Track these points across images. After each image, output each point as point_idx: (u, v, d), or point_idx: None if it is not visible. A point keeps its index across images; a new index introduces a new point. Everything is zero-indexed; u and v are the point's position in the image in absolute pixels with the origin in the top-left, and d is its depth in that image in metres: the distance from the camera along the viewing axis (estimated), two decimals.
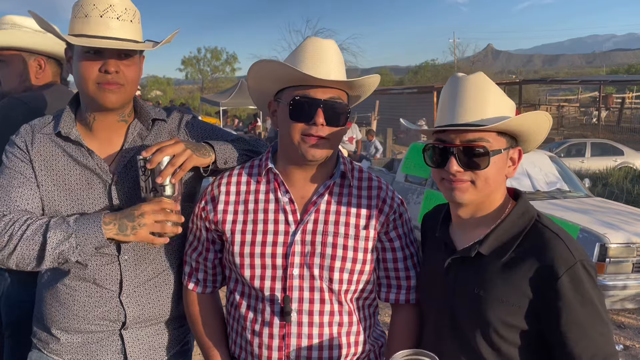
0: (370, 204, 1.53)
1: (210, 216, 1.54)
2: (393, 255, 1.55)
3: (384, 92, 28.27)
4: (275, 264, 1.47)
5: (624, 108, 26.48)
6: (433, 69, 50.38)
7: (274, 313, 1.47)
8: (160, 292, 1.65)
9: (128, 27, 1.49)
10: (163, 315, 1.66)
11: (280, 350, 1.46)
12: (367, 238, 1.50)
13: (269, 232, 1.49)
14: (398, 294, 1.57)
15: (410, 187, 7.26)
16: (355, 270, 1.48)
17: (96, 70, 1.46)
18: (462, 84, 1.34)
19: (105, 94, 1.48)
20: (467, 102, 1.31)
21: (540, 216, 1.37)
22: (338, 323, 1.49)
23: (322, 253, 1.46)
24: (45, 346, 1.63)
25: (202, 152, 1.53)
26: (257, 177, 1.55)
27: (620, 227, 5.06)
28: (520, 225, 1.34)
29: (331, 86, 1.43)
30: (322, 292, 1.47)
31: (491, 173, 1.32)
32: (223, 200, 1.54)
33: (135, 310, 1.60)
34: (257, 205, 1.52)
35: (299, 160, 1.47)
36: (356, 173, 1.57)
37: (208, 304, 1.65)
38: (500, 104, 1.34)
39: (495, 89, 1.34)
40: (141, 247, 1.60)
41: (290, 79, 1.43)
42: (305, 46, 1.46)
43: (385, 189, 1.57)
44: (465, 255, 1.36)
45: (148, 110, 1.65)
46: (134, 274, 1.59)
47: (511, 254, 1.30)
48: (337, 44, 1.49)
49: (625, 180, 10.95)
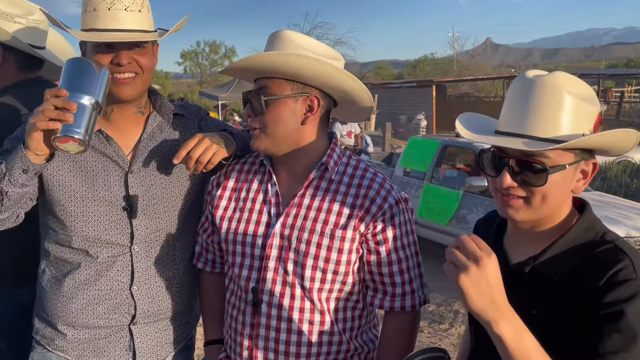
0: (355, 202, 1.45)
1: (212, 202, 1.60)
2: (377, 259, 1.47)
3: (383, 86, 28.21)
4: (253, 253, 1.50)
5: (623, 102, 26.44)
6: (432, 63, 50.28)
7: (248, 302, 1.49)
8: (171, 285, 1.65)
9: (137, 17, 1.49)
10: (172, 309, 1.66)
11: (250, 339, 1.49)
12: (343, 238, 1.43)
13: (252, 222, 1.52)
14: (383, 300, 1.50)
15: (409, 181, 7.26)
16: (328, 269, 1.44)
17: (107, 62, 1.46)
18: (536, 87, 1.15)
19: (119, 87, 1.49)
20: (534, 111, 1.15)
21: (607, 232, 1.20)
22: (309, 321, 1.46)
23: (296, 248, 1.45)
24: (49, 343, 1.61)
25: (227, 142, 1.56)
26: (255, 166, 1.58)
27: (620, 222, 5.07)
28: (583, 240, 1.18)
29: (262, 76, 1.47)
30: (294, 287, 1.45)
31: (550, 191, 1.15)
32: (222, 187, 1.60)
33: (145, 303, 1.60)
34: (248, 194, 1.56)
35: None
36: (350, 169, 1.51)
37: (214, 282, 1.70)
38: (577, 114, 1.14)
39: (574, 93, 1.15)
40: (153, 238, 1.61)
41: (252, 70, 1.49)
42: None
43: (378, 187, 1.47)
44: (519, 271, 1.21)
45: (169, 104, 1.67)
46: (146, 265, 1.60)
47: (569, 272, 1.15)
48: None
49: (624, 174, 10.93)
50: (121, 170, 1.57)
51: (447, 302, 5.26)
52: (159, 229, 1.61)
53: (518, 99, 1.19)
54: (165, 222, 1.62)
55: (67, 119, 1.29)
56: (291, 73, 1.41)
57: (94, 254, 1.55)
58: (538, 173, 1.14)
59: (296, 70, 1.40)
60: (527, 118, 1.15)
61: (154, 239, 1.61)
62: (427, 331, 4.75)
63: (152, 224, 1.59)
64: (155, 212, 1.60)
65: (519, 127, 1.16)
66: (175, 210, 1.64)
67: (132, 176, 1.57)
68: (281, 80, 1.44)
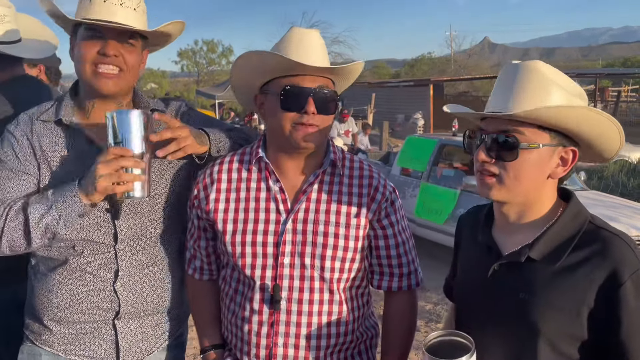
0: (362, 192, 1.52)
1: (202, 205, 1.55)
2: (385, 243, 1.54)
3: (381, 85, 28.20)
4: (266, 252, 1.48)
5: (619, 101, 26.50)
6: (429, 62, 50.29)
7: (264, 301, 1.48)
8: (156, 282, 1.64)
9: (131, 14, 1.49)
10: (157, 306, 1.66)
11: (269, 337, 1.48)
12: (358, 226, 1.50)
13: (260, 221, 1.49)
14: (391, 281, 1.57)
15: (406, 180, 7.26)
16: (346, 258, 1.49)
17: (94, 52, 1.46)
18: (519, 70, 1.21)
19: (101, 80, 1.48)
20: (510, 90, 1.20)
21: (593, 217, 1.25)
22: (327, 312, 1.49)
23: (313, 242, 1.47)
24: (37, 338, 1.62)
25: (200, 139, 1.54)
26: (248, 164, 1.55)
27: (617, 220, 5.07)
28: (574, 227, 1.22)
29: (319, 74, 1.44)
30: (313, 281, 1.47)
31: (523, 169, 1.19)
32: (214, 189, 1.54)
33: (129, 299, 1.59)
34: (248, 193, 1.52)
35: (290, 149, 1.47)
36: (347, 162, 1.56)
37: (205, 289, 1.67)
38: (558, 96, 1.17)
39: (551, 78, 1.19)
40: (138, 237, 1.59)
41: (279, 68, 1.42)
42: (290, 36, 1.46)
43: (377, 177, 1.56)
44: (513, 260, 1.24)
45: (147, 100, 1.66)
46: (130, 262, 1.59)
47: (566, 258, 1.19)
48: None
49: (620, 173, 10.96)
50: None
51: (443, 302, 5.27)
52: (143, 228, 1.60)
53: (503, 81, 1.24)
54: (149, 221, 1.61)
55: (141, 179, 1.41)
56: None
57: (79, 250, 1.55)
58: (510, 148, 1.19)
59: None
60: (508, 97, 1.20)
61: (139, 237, 1.59)
62: (424, 330, 4.75)
63: (136, 223, 1.58)
64: (138, 212, 1.58)
65: (501, 106, 1.21)
66: (159, 209, 1.62)
67: None
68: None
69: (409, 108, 23.12)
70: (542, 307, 1.19)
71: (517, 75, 1.20)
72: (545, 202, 1.26)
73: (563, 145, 1.22)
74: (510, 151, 1.19)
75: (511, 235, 1.29)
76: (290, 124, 1.42)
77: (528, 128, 1.18)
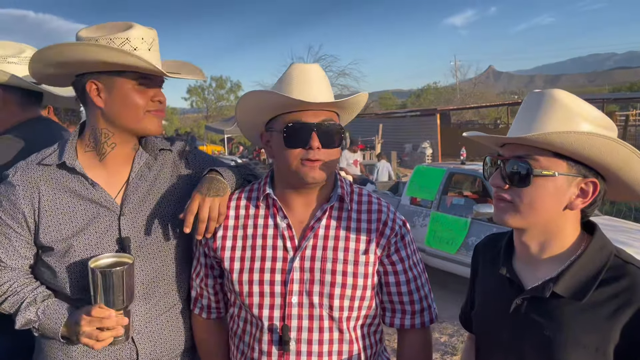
0: (370, 227, 1.49)
1: (209, 242, 1.53)
2: (396, 279, 1.50)
3: (387, 115, 28.40)
4: (273, 291, 1.44)
5: (628, 125, 26.44)
6: (435, 92, 50.76)
7: (273, 342, 1.44)
8: (172, 327, 1.61)
9: (155, 56, 1.51)
10: (174, 350, 1.62)
11: None
12: (367, 263, 1.46)
13: (267, 259, 1.46)
14: (403, 318, 1.53)
15: (416, 209, 7.22)
16: (356, 296, 1.45)
17: (149, 97, 1.52)
18: (542, 99, 1.19)
19: (154, 122, 1.55)
20: (530, 117, 1.18)
21: (619, 250, 1.21)
22: (338, 352, 1.45)
23: (321, 280, 1.43)
24: None
25: (222, 186, 1.52)
26: (256, 201, 1.53)
27: (632, 246, 4.99)
28: (600, 261, 1.18)
29: (322, 109, 1.43)
30: (322, 320, 1.44)
31: (537, 197, 1.16)
32: (222, 226, 1.52)
33: (147, 347, 1.56)
34: (255, 230, 1.50)
35: (298, 184, 1.46)
36: (355, 196, 1.54)
37: (212, 329, 1.64)
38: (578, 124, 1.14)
39: (572, 105, 1.16)
40: (150, 282, 1.56)
41: (281, 105, 1.42)
42: (291, 72, 1.46)
43: (387, 211, 1.53)
44: (537, 295, 1.20)
45: (155, 140, 1.66)
46: (145, 309, 1.56)
47: (593, 293, 1.14)
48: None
49: None
50: (112, 214, 1.53)
51: (459, 333, 5.16)
52: (155, 270, 1.57)
53: (525, 109, 1.22)
54: (160, 263, 1.58)
55: (119, 333, 1.41)
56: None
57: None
58: (523, 174, 1.17)
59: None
60: (530, 125, 1.18)
61: (150, 280, 1.56)
62: None
63: (147, 265, 1.55)
64: (149, 253, 1.56)
65: (521, 133, 1.18)
66: (171, 251, 1.60)
67: (124, 218, 1.53)
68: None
69: (416, 137, 23.21)
70: (568, 345, 1.14)
71: (542, 104, 1.18)
72: (568, 235, 1.22)
73: (584, 175, 1.18)
74: (523, 177, 1.17)
75: (533, 268, 1.25)
76: (296, 160, 1.41)
77: (543, 155, 1.16)
